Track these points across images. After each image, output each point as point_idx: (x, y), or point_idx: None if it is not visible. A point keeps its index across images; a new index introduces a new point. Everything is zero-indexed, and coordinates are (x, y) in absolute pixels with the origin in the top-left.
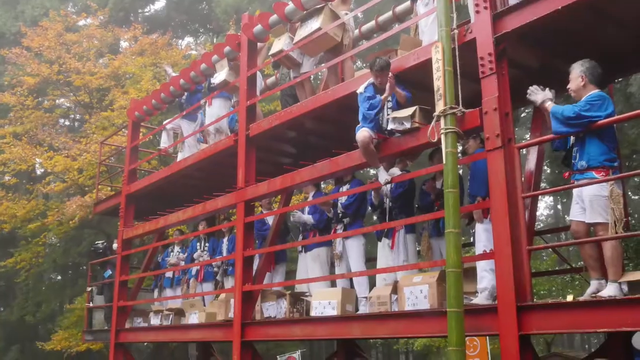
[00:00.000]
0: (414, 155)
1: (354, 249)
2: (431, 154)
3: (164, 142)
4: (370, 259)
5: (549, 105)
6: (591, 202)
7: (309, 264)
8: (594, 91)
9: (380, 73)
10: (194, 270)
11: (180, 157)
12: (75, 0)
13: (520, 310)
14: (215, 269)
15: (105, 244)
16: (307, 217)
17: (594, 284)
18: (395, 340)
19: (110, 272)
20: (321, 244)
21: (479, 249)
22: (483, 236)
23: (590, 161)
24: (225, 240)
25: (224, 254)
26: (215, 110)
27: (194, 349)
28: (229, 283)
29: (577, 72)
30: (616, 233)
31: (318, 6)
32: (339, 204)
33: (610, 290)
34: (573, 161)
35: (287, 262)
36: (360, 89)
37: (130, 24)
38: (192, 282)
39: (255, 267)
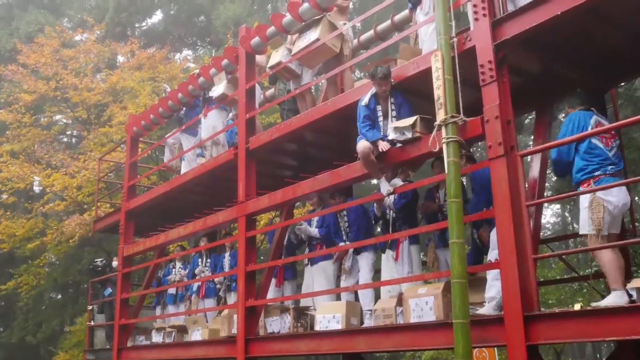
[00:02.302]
0: (416, 165)
1: (364, 264)
2: (433, 162)
3: (167, 157)
4: (375, 271)
5: None
6: (582, 215)
7: (315, 277)
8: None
9: (383, 81)
10: (195, 286)
11: (183, 171)
12: (70, 16)
13: (527, 320)
14: (218, 285)
15: (104, 261)
16: (314, 231)
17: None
18: (401, 352)
19: (111, 290)
20: (327, 256)
21: (492, 256)
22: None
23: (574, 180)
24: (226, 255)
25: (226, 269)
26: (210, 121)
27: None
28: (231, 299)
29: (566, 109)
30: (599, 243)
31: (316, 17)
32: (342, 228)
33: (610, 299)
34: None
35: (296, 279)
36: (364, 101)
37: (127, 39)
38: (193, 299)
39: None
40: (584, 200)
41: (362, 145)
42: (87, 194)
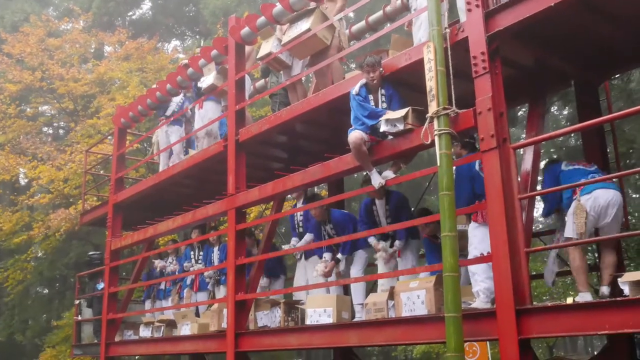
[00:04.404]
0: (407, 157)
1: (358, 261)
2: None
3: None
4: (369, 264)
5: None
6: (568, 220)
7: (309, 270)
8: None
9: (369, 68)
10: (188, 279)
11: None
12: (56, 5)
13: (519, 313)
14: (207, 280)
15: (101, 254)
16: (307, 237)
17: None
18: (393, 347)
19: (104, 285)
20: (321, 250)
21: (473, 253)
22: (474, 240)
23: (565, 201)
24: (215, 249)
25: (215, 263)
26: (206, 113)
27: None
28: (220, 293)
29: None
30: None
31: (309, 7)
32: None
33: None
34: None
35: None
36: (355, 90)
37: (115, 29)
38: (186, 292)
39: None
40: (570, 208)
41: (353, 136)
42: (74, 187)
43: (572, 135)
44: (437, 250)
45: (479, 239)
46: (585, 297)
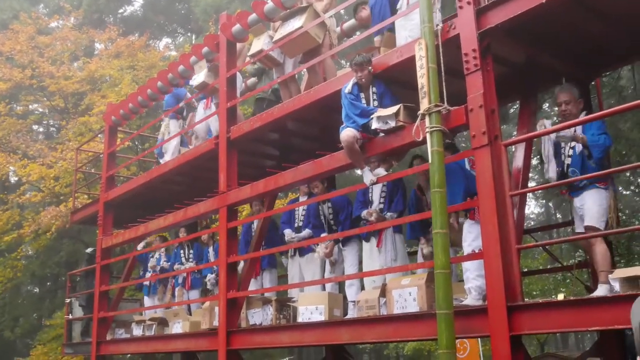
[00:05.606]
0: (399, 155)
1: (350, 256)
2: (412, 161)
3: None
4: (360, 262)
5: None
6: (595, 208)
7: (305, 267)
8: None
9: (357, 68)
10: (180, 278)
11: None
12: (46, 2)
13: (510, 310)
14: (209, 285)
15: None
16: (305, 233)
17: None
18: (385, 344)
19: None
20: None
21: (468, 250)
22: (469, 237)
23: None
24: (210, 249)
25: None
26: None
27: (179, 359)
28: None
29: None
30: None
31: (302, 5)
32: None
33: (600, 291)
34: None
35: (276, 268)
36: (347, 88)
37: (106, 26)
38: (177, 291)
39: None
40: (599, 197)
41: (346, 134)
42: (64, 185)
43: None
44: (418, 203)
45: (473, 236)
46: (613, 287)
